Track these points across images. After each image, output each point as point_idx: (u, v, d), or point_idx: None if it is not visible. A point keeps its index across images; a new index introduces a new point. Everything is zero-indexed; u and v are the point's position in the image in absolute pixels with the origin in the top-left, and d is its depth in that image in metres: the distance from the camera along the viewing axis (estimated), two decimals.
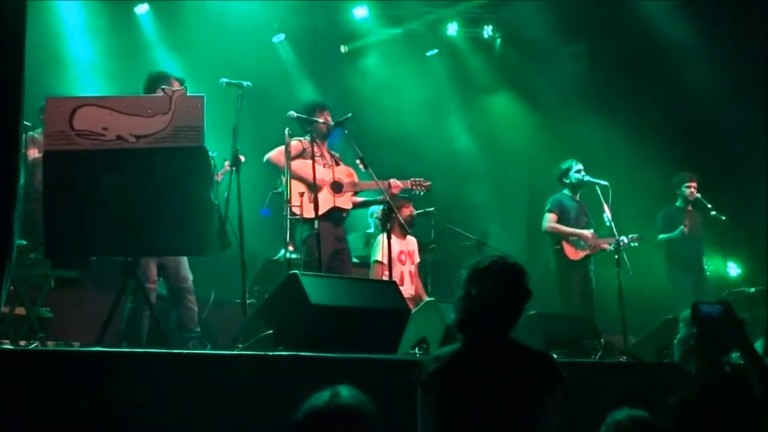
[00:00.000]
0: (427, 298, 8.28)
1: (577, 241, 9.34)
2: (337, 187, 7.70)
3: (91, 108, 5.26)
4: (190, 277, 6.91)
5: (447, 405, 3.59)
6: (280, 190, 7.64)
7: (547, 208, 9.50)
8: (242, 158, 6.71)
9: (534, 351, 3.76)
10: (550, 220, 9.42)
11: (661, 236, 10.17)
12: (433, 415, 3.59)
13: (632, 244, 9.16)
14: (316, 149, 7.50)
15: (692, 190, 10.15)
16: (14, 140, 4.33)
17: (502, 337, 3.71)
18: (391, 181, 7.82)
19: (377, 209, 9.00)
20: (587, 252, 9.35)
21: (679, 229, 9.99)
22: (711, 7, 10.51)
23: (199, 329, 6.89)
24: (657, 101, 11.36)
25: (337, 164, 7.91)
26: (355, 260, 9.60)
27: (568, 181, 9.53)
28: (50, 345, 6.10)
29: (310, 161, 7.37)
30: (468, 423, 3.56)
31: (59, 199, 5.19)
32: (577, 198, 9.58)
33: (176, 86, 7.38)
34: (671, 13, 10.73)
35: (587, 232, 9.36)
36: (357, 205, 8.11)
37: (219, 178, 7.16)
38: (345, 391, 2.65)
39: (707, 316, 4.00)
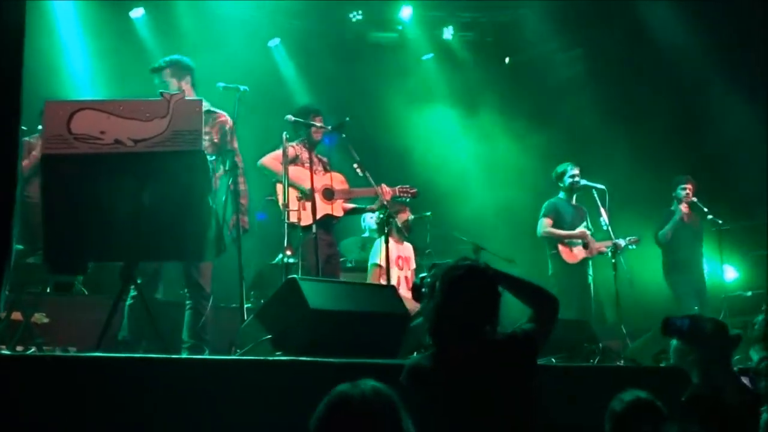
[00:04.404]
0: None
1: (572, 243, 9.34)
2: (328, 194, 7.70)
3: (89, 112, 5.23)
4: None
5: (439, 416, 3.60)
6: (273, 197, 7.64)
7: (541, 213, 9.51)
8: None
9: (505, 337, 3.81)
10: (545, 225, 9.44)
11: (661, 231, 10.08)
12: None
13: (630, 246, 9.16)
14: (309, 155, 7.51)
15: (688, 192, 10.11)
16: (13, 143, 4.31)
17: (477, 339, 3.73)
18: (382, 186, 7.81)
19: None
20: (584, 255, 9.34)
21: (676, 214, 9.96)
22: (711, 9, 10.49)
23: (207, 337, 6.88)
24: (654, 105, 11.36)
25: (326, 170, 7.91)
26: (349, 264, 9.60)
27: (562, 184, 9.55)
28: (47, 350, 6.07)
29: (305, 168, 7.40)
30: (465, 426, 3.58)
31: (57, 203, 5.16)
32: (573, 202, 9.57)
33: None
34: (670, 16, 10.71)
35: (579, 230, 9.34)
36: (348, 212, 8.11)
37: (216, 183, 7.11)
38: (371, 381, 2.61)
39: (678, 329, 4.19)
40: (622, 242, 8.90)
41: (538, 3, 11.39)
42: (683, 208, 9.93)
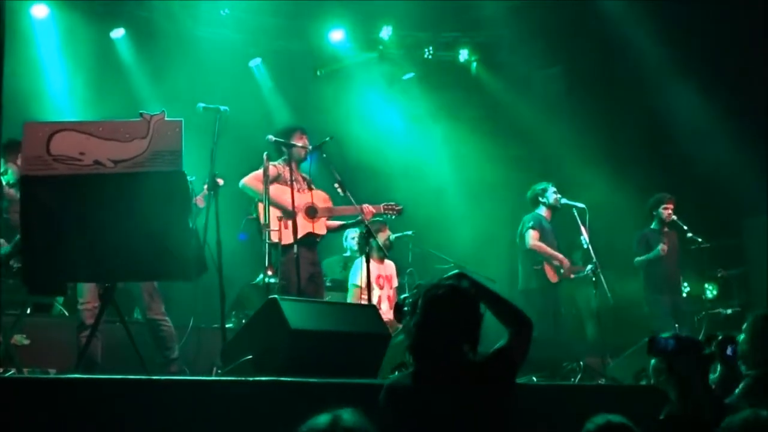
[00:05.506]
0: None
1: (557, 266, 9.32)
2: (311, 213, 7.66)
3: (69, 133, 5.23)
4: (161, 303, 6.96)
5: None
6: (254, 216, 7.62)
7: (529, 225, 9.40)
8: (220, 181, 6.72)
9: (484, 357, 3.79)
10: (534, 237, 9.32)
11: (638, 259, 10.01)
12: None
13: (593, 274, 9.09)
14: (291, 174, 7.50)
15: (669, 211, 10.09)
16: None
17: (457, 358, 3.72)
18: (364, 206, 7.73)
19: (352, 232, 9.01)
20: (562, 276, 9.34)
21: (657, 249, 9.88)
22: (691, 26, 10.58)
23: (175, 350, 6.91)
24: (633, 124, 11.44)
25: (310, 188, 7.88)
26: (328, 284, 9.59)
27: (545, 201, 9.50)
28: (26, 372, 6.03)
29: (286, 187, 7.37)
30: None
31: (36, 224, 5.15)
32: (550, 220, 9.57)
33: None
34: (649, 36, 10.79)
35: (563, 257, 9.34)
36: (331, 230, 8.06)
37: (201, 203, 7.15)
38: (347, 416, 2.55)
39: (662, 348, 4.22)
40: (586, 269, 8.92)
41: (517, 22, 11.44)
42: (662, 249, 9.82)
